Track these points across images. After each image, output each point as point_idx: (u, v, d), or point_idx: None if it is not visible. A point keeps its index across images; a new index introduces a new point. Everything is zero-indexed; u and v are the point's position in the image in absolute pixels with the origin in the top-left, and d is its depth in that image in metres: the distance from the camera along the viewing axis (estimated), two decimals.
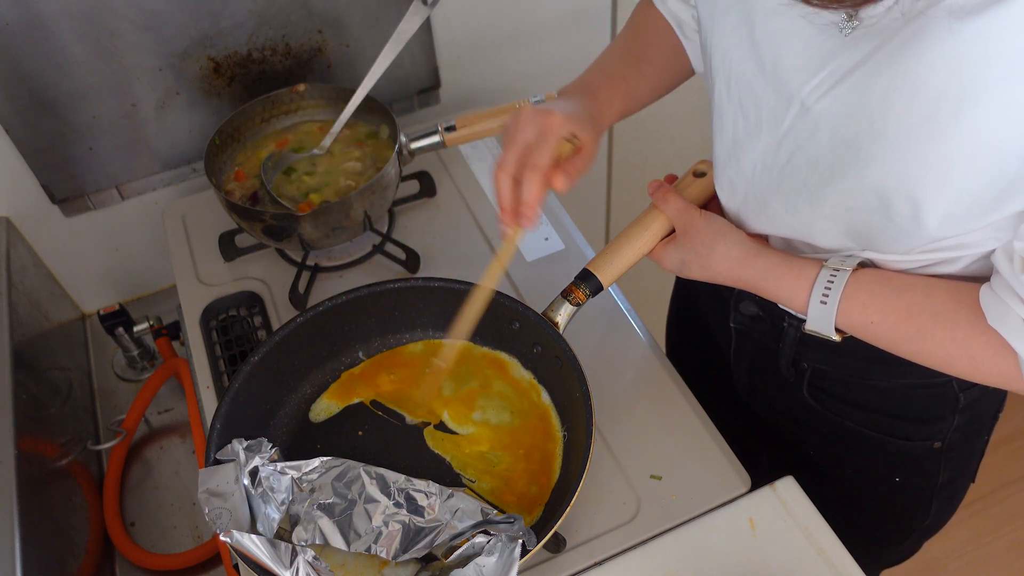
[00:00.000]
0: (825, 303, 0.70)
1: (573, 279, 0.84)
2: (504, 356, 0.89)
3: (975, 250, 0.65)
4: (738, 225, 0.78)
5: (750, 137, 0.69)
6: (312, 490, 0.75)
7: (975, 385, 0.78)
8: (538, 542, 0.69)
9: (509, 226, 0.72)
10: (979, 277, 0.67)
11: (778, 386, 0.88)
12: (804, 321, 0.76)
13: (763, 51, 0.65)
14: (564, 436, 0.82)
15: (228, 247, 1.07)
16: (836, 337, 0.71)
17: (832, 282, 0.69)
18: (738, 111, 0.70)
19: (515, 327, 0.86)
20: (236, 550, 0.68)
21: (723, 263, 0.75)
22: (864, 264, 0.70)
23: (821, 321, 0.70)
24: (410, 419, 0.85)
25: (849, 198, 0.64)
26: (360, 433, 0.85)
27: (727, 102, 0.71)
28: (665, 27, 0.86)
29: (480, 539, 0.70)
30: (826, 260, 0.71)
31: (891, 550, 0.98)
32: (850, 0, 0.51)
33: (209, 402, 0.94)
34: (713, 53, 0.71)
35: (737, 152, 0.72)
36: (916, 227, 0.62)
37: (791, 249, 0.75)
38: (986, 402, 0.83)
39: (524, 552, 0.68)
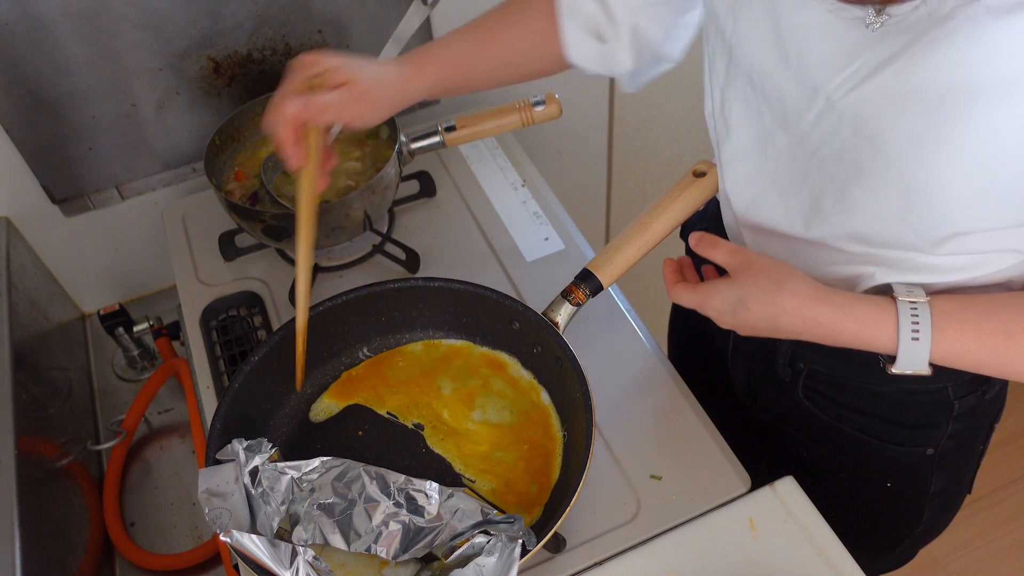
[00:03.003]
0: (917, 339, 0.64)
1: (573, 279, 0.84)
2: (504, 356, 0.89)
3: (1002, 255, 0.64)
4: (741, 224, 0.77)
5: (776, 129, 0.68)
6: (312, 490, 0.75)
7: (971, 392, 0.78)
8: (538, 542, 0.69)
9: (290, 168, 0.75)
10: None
11: (774, 387, 0.87)
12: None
13: (788, 45, 0.63)
14: (564, 436, 0.82)
15: (228, 247, 1.07)
16: (927, 371, 0.66)
17: (916, 314, 0.65)
18: (763, 102, 0.68)
19: (515, 327, 0.86)
20: (236, 550, 0.68)
21: (791, 299, 0.67)
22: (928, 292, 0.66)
23: (914, 358, 0.65)
24: (411, 420, 0.85)
25: (874, 194, 0.63)
26: (360, 433, 0.85)
27: (751, 95, 0.69)
28: (541, 10, 0.83)
29: (480, 539, 0.70)
30: (893, 294, 0.66)
31: (883, 557, 0.97)
32: None
33: (209, 402, 0.94)
34: (734, 46, 0.69)
35: (762, 144, 0.71)
36: (939, 227, 0.61)
37: (793, 256, 0.74)
38: (982, 410, 0.81)
39: (524, 552, 0.68)
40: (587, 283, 0.83)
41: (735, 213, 0.78)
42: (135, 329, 1.10)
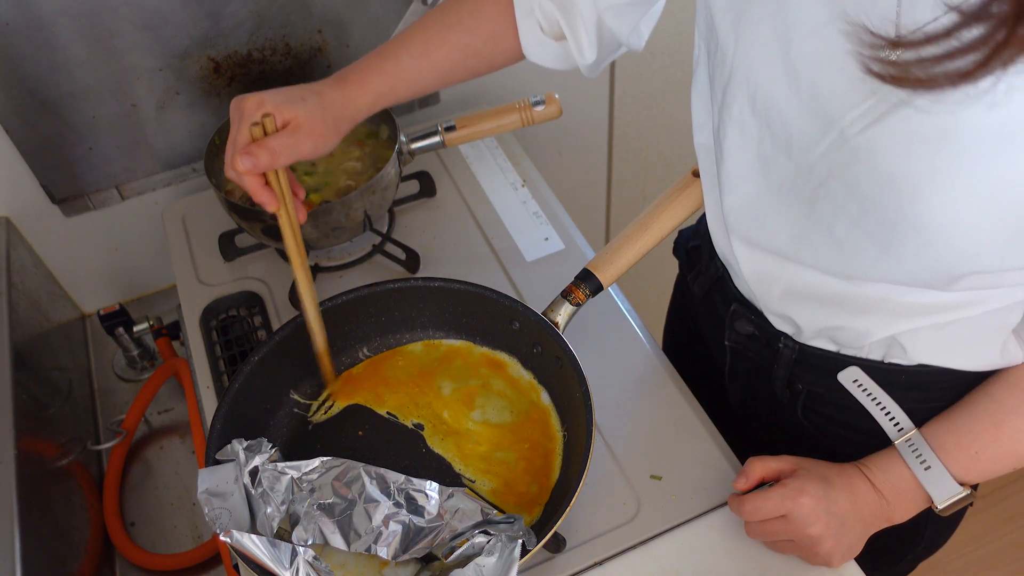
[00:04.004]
0: (929, 467, 0.70)
1: (573, 279, 0.84)
2: (504, 356, 0.89)
3: (1014, 289, 0.64)
4: (735, 239, 0.75)
5: (778, 155, 0.65)
6: (312, 490, 0.75)
7: None
8: (538, 542, 0.69)
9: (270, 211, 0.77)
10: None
11: (772, 406, 0.86)
12: (801, 345, 0.76)
13: (799, 72, 0.59)
14: (564, 436, 0.82)
15: (228, 247, 1.07)
16: (966, 491, 0.70)
17: (913, 446, 0.70)
18: (764, 128, 0.65)
19: (515, 327, 0.86)
20: (236, 550, 0.68)
21: (857, 474, 0.73)
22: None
23: (942, 484, 0.69)
24: (411, 420, 0.85)
25: (889, 230, 0.60)
26: (360, 433, 0.85)
27: (750, 119, 0.65)
28: (490, 11, 0.82)
29: (480, 539, 0.70)
30: (893, 441, 0.72)
31: (883, 572, 0.97)
32: (942, 82, 0.43)
33: (209, 402, 0.94)
34: (735, 68, 0.64)
35: (763, 168, 0.67)
36: (956, 267, 0.59)
37: (793, 284, 0.72)
38: None
39: (524, 552, 0.68)
40: (587, 283, 0.83)
41: (731, 231, 0.75)
42: (135, 329, 1.10)
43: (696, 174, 0.84)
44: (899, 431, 0.73)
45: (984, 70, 0.41)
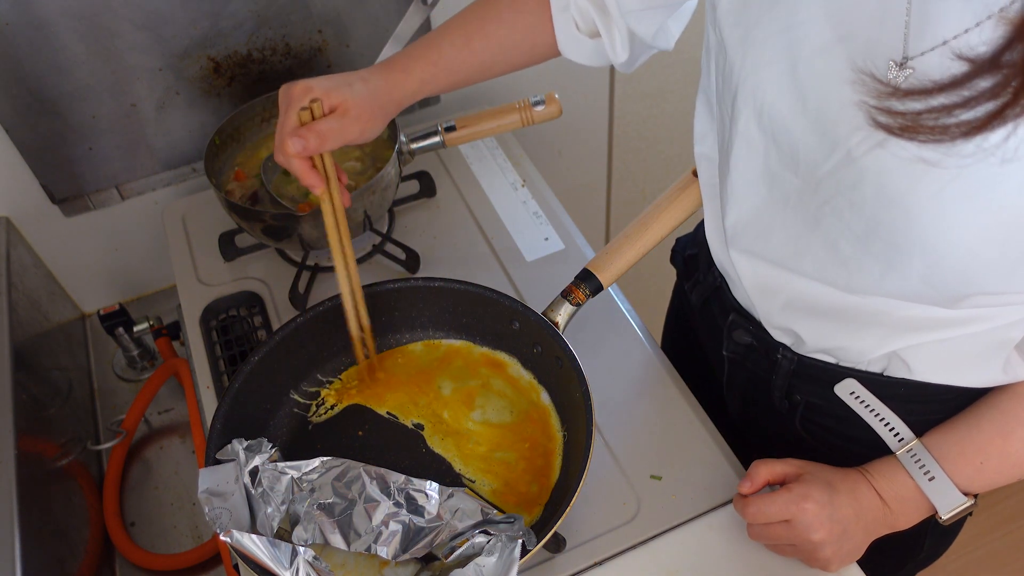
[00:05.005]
0: (933, 478, 0.69)
1: (573, 279, 0.84)
2: (504, 356, 0.89)
3: (1020, 307, 0.63)
4: (747, 257, 0.74)
5: (785, 170, 0.64)
6: (312, 490, 0.75)
7: None
8: (538, 542, 0.69)
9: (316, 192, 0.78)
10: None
11: (771, 416, 0.86)
12: (800, 356, 0.76)
13: (807, 91, 0.59)
14: (564, 436, 0.82)
15: (228, 247, 1.07)
16: (971, 501, 0.70)
17: (916, 457, 0.70)
18: (771, 143, 0.64)
19: (515, 327, 0.86)
20: (236, 550, 0.68)
21: (860, 477, 0.73)
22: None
23: (946, 494, 0.69)
24: (411, 420, 0.85)
25: (895, 250, 0.59)
26: (360, 433, 0.85)
27: (756, 134, 0.65)
28: (529, 4, 0.83)
29: (480, 539, 0.70)
30: (895, 452, 0.72)
31: None
32: (953, 133, 0.42)
33: (209, 402, 0.94)
34: (742, 82, 0.64)
35: (768, 183, 0.67)
36: (962, 288, 0.59)
37: (798, 297, 0.72)
38: None
39: (524, 552, 0.68)
40: (587, 283, 0.83)
41: (731, 244, 0.75)
42: (135, 329, 1.10)
43: (696, 174, 0.84)
44: (899, 441, 0.72)
45: (998, 121, 0.40)
